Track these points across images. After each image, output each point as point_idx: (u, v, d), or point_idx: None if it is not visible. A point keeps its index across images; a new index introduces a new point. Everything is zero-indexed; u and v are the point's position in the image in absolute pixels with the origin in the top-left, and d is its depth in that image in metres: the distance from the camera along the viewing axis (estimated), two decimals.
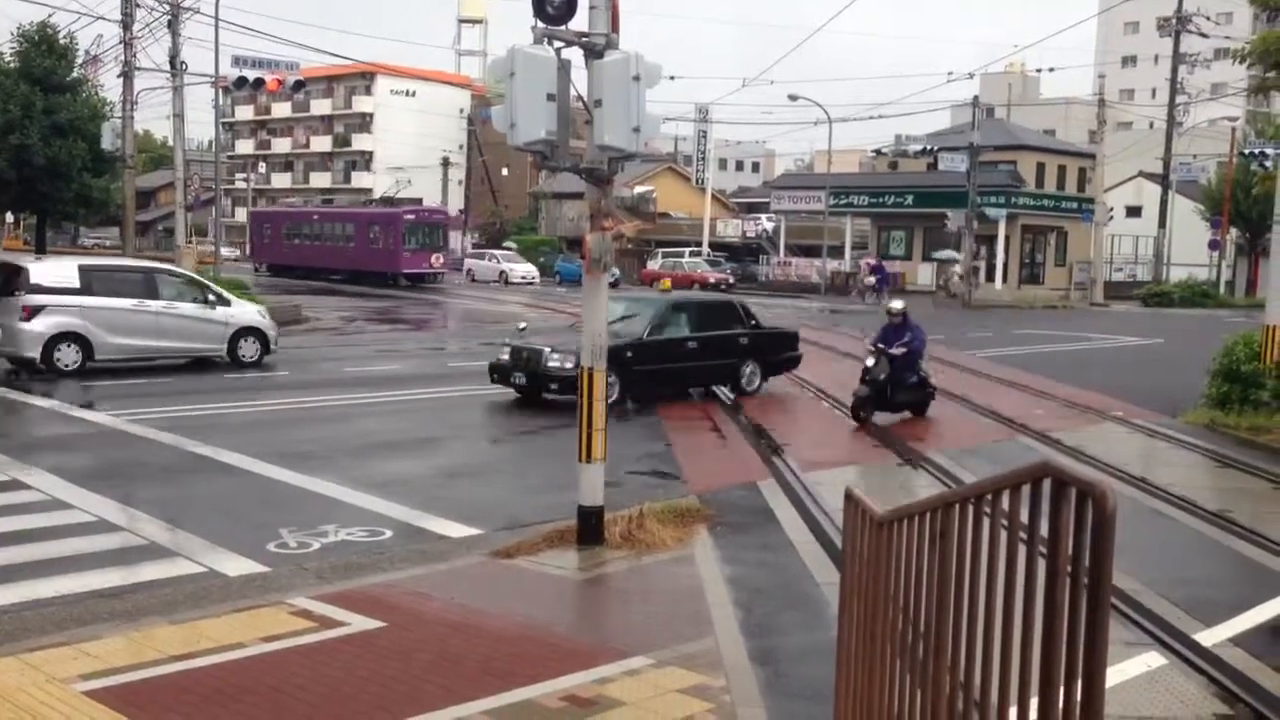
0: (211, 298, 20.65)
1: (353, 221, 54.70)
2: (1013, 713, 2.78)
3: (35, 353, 18.50)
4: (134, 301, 19.36)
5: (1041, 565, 2.65)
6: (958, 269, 48.95)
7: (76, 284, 19.00)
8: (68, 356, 18.65)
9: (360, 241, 52.96)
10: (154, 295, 19.72)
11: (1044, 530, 2.64)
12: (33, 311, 18.46)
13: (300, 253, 56.13)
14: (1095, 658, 2.43)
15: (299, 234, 57.19)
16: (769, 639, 6.99)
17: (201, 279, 22.83)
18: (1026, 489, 2.77)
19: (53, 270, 19.61)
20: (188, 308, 20.08)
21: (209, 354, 20.34)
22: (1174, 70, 48.69)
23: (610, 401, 10.51)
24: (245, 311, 21.25)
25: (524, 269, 57.03)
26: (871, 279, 48.14)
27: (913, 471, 12.63)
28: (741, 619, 7.31)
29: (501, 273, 56.80)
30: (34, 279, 18.85)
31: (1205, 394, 16.83)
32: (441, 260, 52.39)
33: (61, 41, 41.82)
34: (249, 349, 20.63)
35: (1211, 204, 54.38)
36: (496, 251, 61.12)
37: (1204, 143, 57.41)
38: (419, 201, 58.88)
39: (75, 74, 42.36)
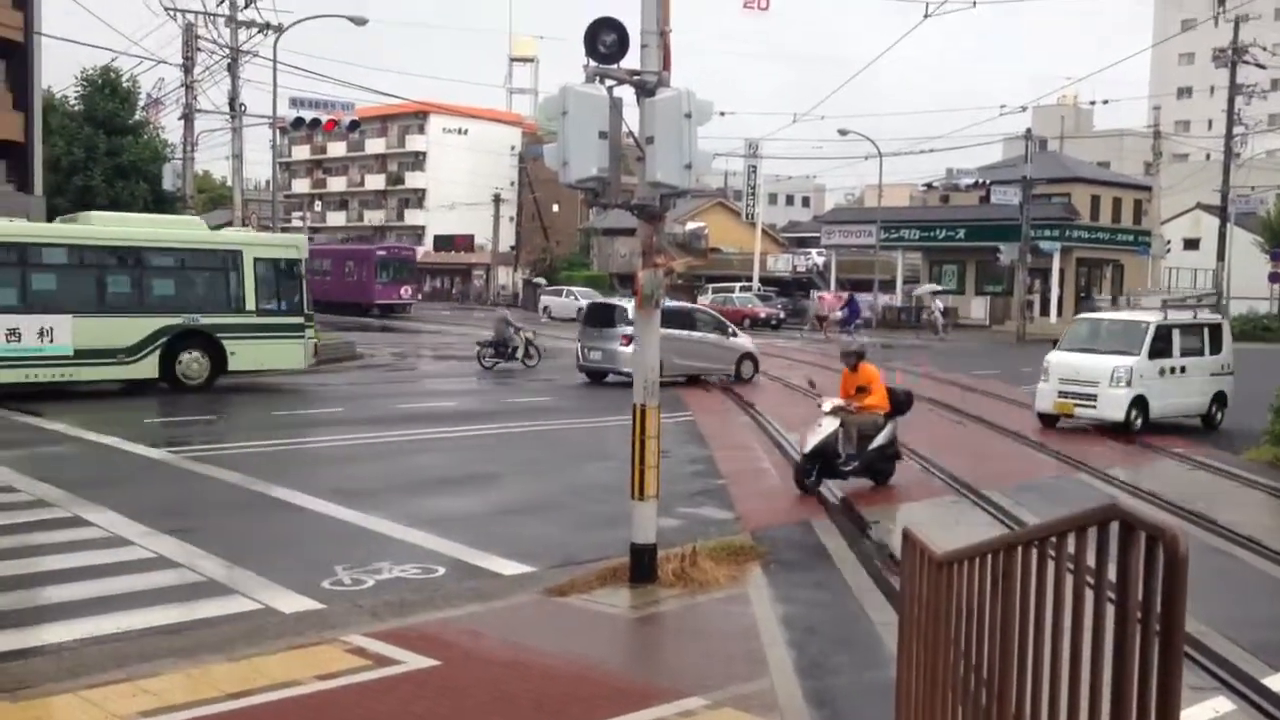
0: (730, 329, 26.65)
1: (330, 257, 58.60)
2: None
3: (629, 370, 21.72)
4: (687, 332, 24.64)
5: (1109, 610, 2.59)
6: (938, 302, 48.49)
7: None
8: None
9: (336, 275, 56.21)
10: (694, 327, 25.30)
11: (1111, 574, 2.59)
12: (629, 340, 22.25)
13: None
14: (1169, 708, 2.36)
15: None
16: (824, 679, 6.90)
17: (719, 316, 28.46)
18: (1093, 531, 2.72)
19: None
20: (714, 337, 25.67)
21: (724, 373, 25.59)
22: (1230, 101, 48.07)
23: None
24: (745, 341, 27.11)
25: None
26: (839, 313, 46.40)
27: (970, 509, 12.46)
28: (796, 659, 7.22)
29: (580, 309, 57.03)
30: (630, 315, 22.31)
31: (1268, 430, 16.49)
32: (410, 292, 57.79)
33: (124, 85, 42.83)
34: (747, 369, 26.16)
35: (1271, 236, 53.55)
36: (575, 289, 61.24)
37: (1262, 174, 56.63)
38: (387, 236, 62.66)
39: (137, 116, 43.35)
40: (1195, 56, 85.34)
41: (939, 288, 50.34)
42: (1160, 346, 18.37)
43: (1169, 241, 54.89)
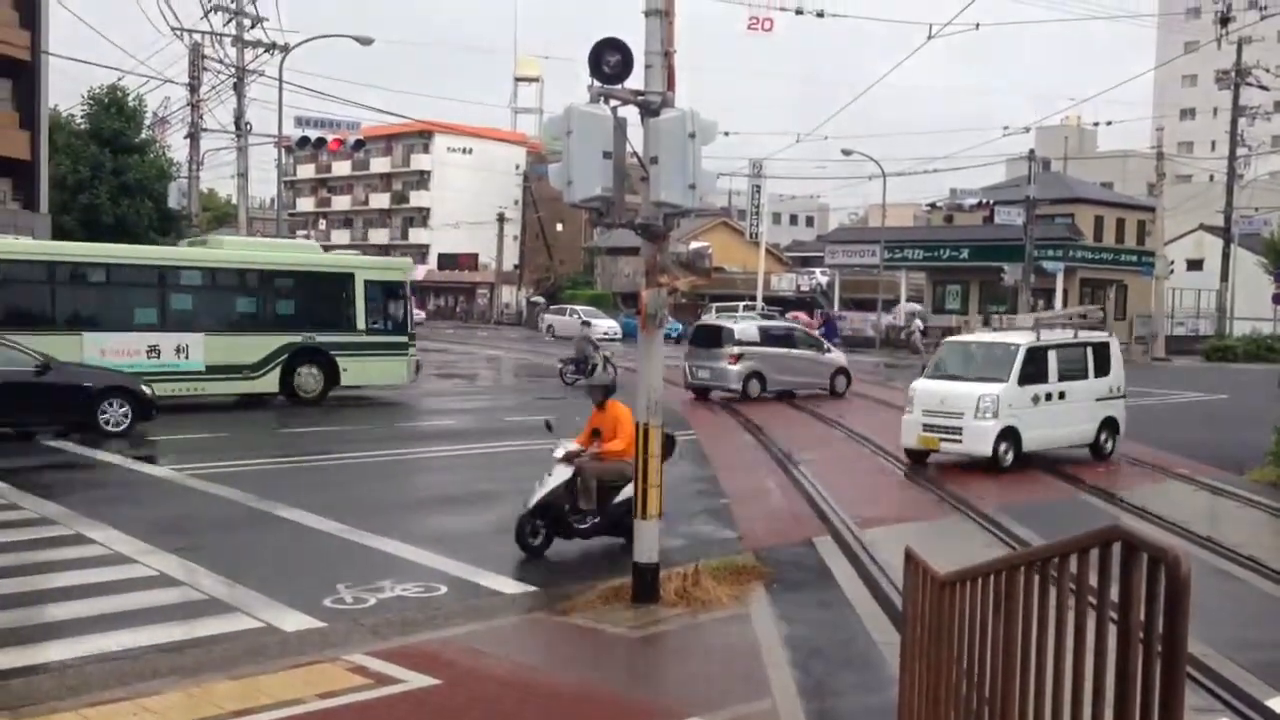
0: (826, 347, 28.50)
1: None
2: None
3: (737, 387, 25.86)
4: (786, 349, 26.90)
5: (1112, 631, 2.59)
6: (918, 322, 48.34)
7: (758, 338, 26.68)
8: (753, 389, 25.99)
9: None
10: (794, 345, 27.37)
11: (1114, 595, 2.59)
12: (736, 358, 25.86)
13: None
14: None
15: None
16: (827, 700, 6.88)
17: (811, 333, 30.50)
18: (1095, 552, 2.72)
19: (744, 329, 27.09)
20: (810, 354, 27.59)
21: (820, 387, 27.23)
22: (1234, 123, 48.18)
23: None
24: (839, 357, 28.59)
25: (606, 324, 56.88)
26: (816, 334, 45.70)
27: (973, 530, 12.43)
28: (799, 679, 7.20)
29: (583, 326, 57.06)
30: (736, 335, 26.30)
31: (1272, 451, 16.45)
32: None
33: (130, 104, 43.01)
34: (840, 384, 27.67)
35: (1275, 257, 53.46)
36: (579, 308, 61.24)
37: (1266, 195, 56.65)
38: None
39: (143, 135, 43.50)
40: (1198, 78, 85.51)
41: (919, 308, 50.31)
42: (1033, 371, 16.37)
43: (1172, 262, 54.80)
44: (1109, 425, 17.72)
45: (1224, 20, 41.56)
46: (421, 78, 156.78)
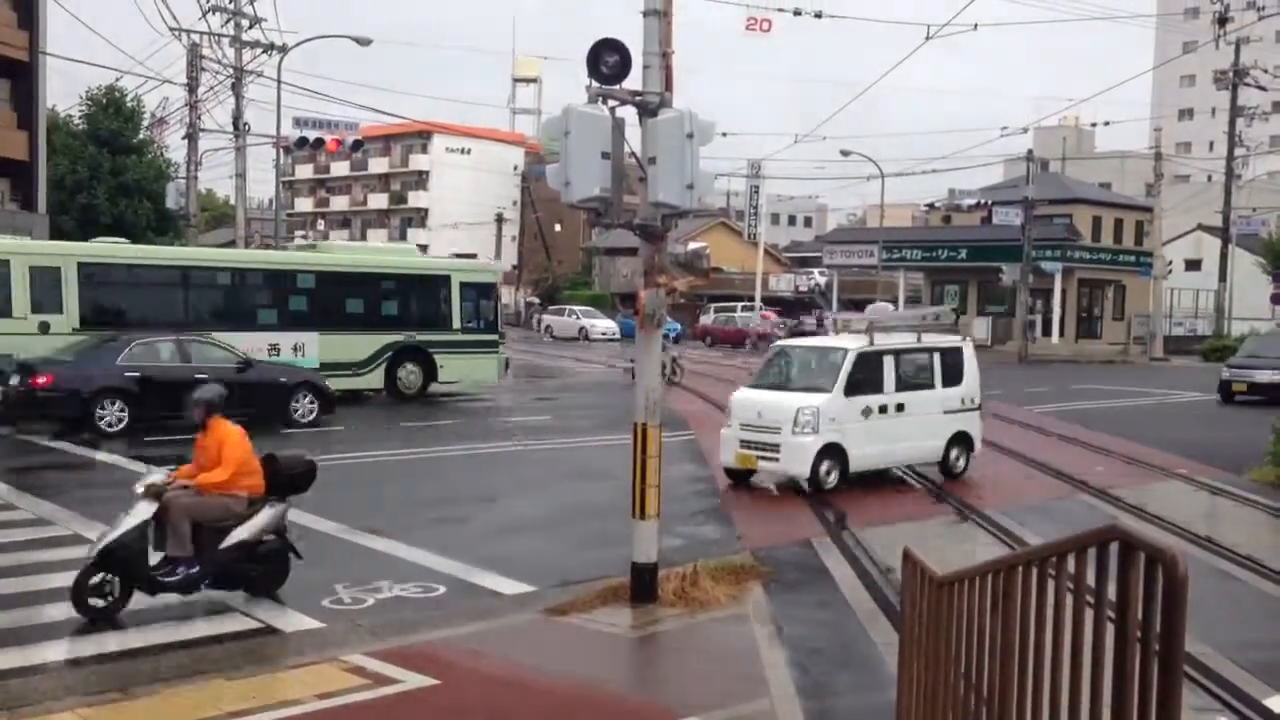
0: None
1: None
2: None
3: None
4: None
5: (1109, 630, 2.59)
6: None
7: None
8: None
9: None
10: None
11: (1111, 594, 2.59)
12: None
13: None
14: None
15: None
16: (825, 700, 6.88)
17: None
18: (1092, 552, 2.72)
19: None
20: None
21: None
22: (1232, 123, 48.21)
23: None
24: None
25: (604, 325, 56.66)
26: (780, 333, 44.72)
27: (972, 530, 12.44)
28: (797, 679, 7.20)
29: (581, 329, 56.88)
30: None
31: (1271, 450, 16.46)
32: None
33: (128, 104, 42.97)
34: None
35: (1273, 257, 53.53)
36: (576, 308, 61.12)
37: (1264, 195, 56.70)
38: None
39: (141, 136, 43.47)
40: (1196, 79, 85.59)
41: (891, 308, 50.36)
42: (864, 379, 14.30)
43: (1170, 262, 54.80)
44: (960, 441, 15.51)
45: (1222, 21, 41.56)
46: (420, 78, 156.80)
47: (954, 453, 15.46)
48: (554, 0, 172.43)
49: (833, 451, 13.97)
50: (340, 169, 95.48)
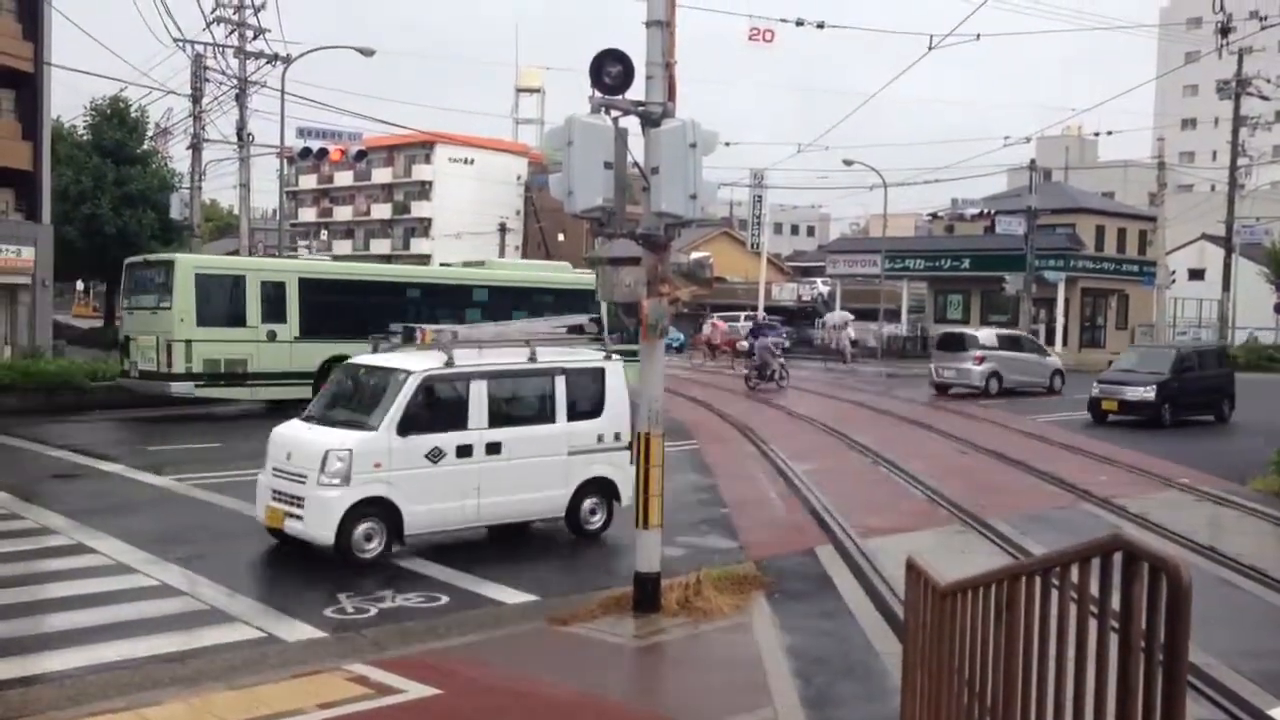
0: (1046, 349, 35.56)
1: None
2: None
3: (980, 384, 31.01)
4: (1015, 353, 32.36)
5: (1113, 640, 2.58)
6: (850, 331, 48.30)
7: (996, 343, 32.07)
8: (992, 386, 31.14)
9: None
10: (1021, 349, 33.09)
11: (1115, 604, 2.58)
12: (981, 359, 31.20)
13: None
14: None
15: None
16: (828, 710, 6.87)
17: (1033, 338, 37.20)
18: (1096, 562, 2.71)
19: (985, 335, 33.12)
20: (1035, 357, 33.33)
21: (1041, 385, 32.47)
22: (1235, 133, 48.19)
23: None
24: (1056, 360, 34.51)
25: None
26: (744, 343, 42.27)
27: (975, 539, 12.41)
28: (800, 689, 7.19)
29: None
30: (980, 341, 32.04)
31: (1274, 460, 16.44)
32: None
33: (133, 115, 43.05)
34: (1057, 382, 32.89)
35: (1276, 266, 53.57)
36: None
37: (1267, 205, 56.71)
38: None
39: (145, 146, 43.53)
40: (1199, 88, 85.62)
41: (850, 318, 50.50)
42: (432, 412, 10.79)
43: (1174, 272, 54.80)
44: (598, 489, 12.03)
45: (1224, 30, 41.54)
46: (423, 89, 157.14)
47: (587, 504, 11.97)
48: (557, 9, 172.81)
49: (375, 509, 10.43)
50: (344, 179, 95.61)
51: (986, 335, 32.98)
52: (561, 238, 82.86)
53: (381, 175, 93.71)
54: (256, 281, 22.56)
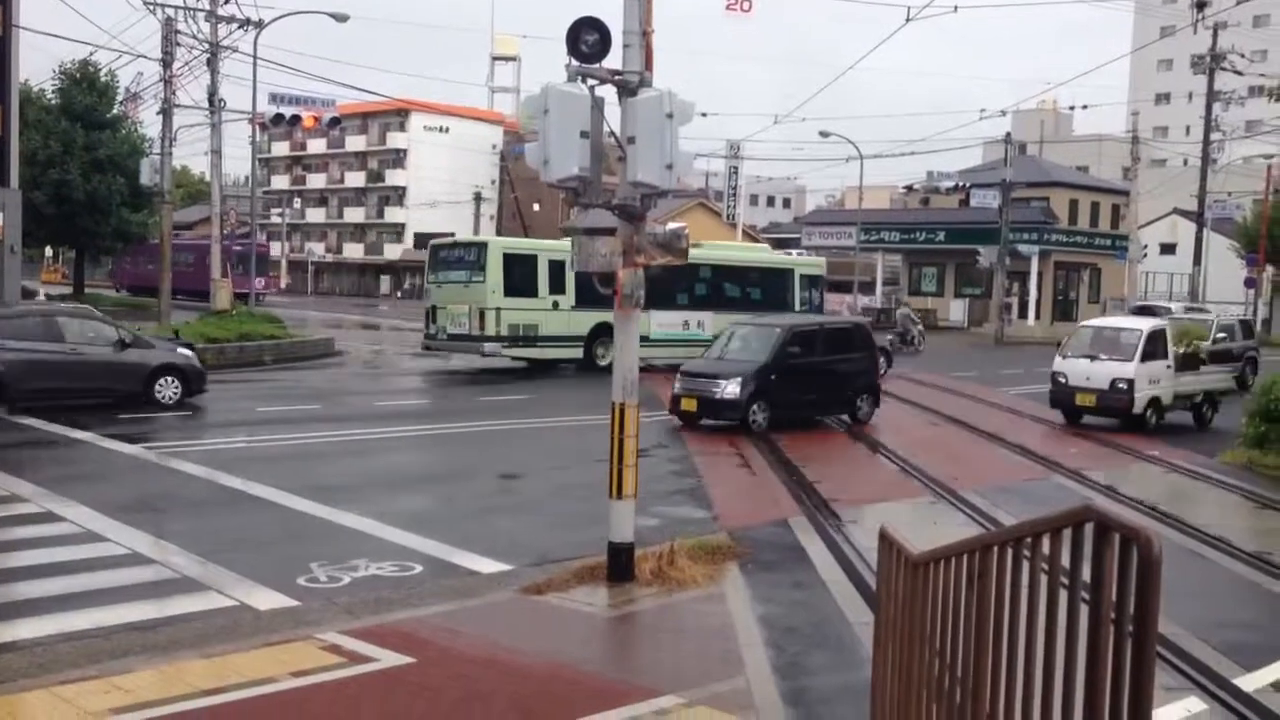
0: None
1: (193, 251, 59.32)
2: None
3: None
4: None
5: (1084, 611, 2.60)
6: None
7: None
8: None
9: (198, 265, 57.40)
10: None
11: (1085, 574, 2.60)
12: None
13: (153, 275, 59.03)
14: (1140, 707, 2.38)
15: (155, 260, 60.26)
16: (801, 679, 6.91)
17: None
18: (1067, 532, 2.73)
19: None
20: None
21: None
22: (1208, 107, 48.39)
23: None
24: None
25: None
26: None
27: (947, 510, 12.51)
28: (773, 658, 7.23)
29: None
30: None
31: (1243, 434, 16.62)
32: (264, 284, 58.64)
33: (102, 79, 42.49)
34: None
35: (1247, 241, 53.93)
36: None
37: (1239, 180, 56.99)
38: None
39: (115, 111, 42.98)
40: (1174, 63, 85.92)
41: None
42: None
43: (1146, 246, 55.07)
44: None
45: (1199, 5, 41.65)
46: (398, 55, 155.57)
47: None
48: None
49: None
50: (317, 146, 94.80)
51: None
52: (536, 207, 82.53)
53: (355, 143, 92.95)
54: (545, 260, 26.40)
